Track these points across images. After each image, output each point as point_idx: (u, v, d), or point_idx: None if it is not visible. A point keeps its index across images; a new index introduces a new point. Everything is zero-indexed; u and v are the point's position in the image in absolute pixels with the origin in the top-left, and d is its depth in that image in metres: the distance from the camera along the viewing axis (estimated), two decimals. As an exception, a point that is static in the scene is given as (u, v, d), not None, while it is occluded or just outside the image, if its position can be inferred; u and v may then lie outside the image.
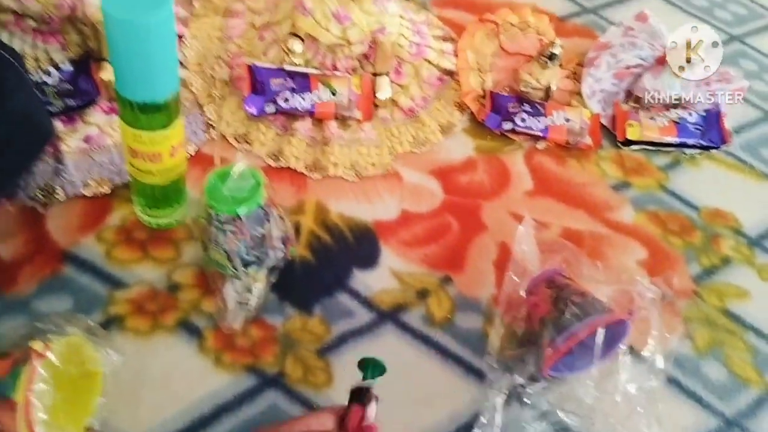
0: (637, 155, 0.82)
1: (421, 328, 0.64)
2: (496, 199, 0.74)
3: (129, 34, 0.46)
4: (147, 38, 0.47)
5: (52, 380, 0.48)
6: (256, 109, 0.72)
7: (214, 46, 0.77)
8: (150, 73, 0.49)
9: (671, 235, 0.75)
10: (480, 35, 0.85)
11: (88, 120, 0.69)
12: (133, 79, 0.50)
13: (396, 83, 0.79)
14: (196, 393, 0.56)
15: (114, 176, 0.66)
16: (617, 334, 0.59)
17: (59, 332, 0.51)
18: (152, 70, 0.49)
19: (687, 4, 1.02)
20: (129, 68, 0.49)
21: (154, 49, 0.48)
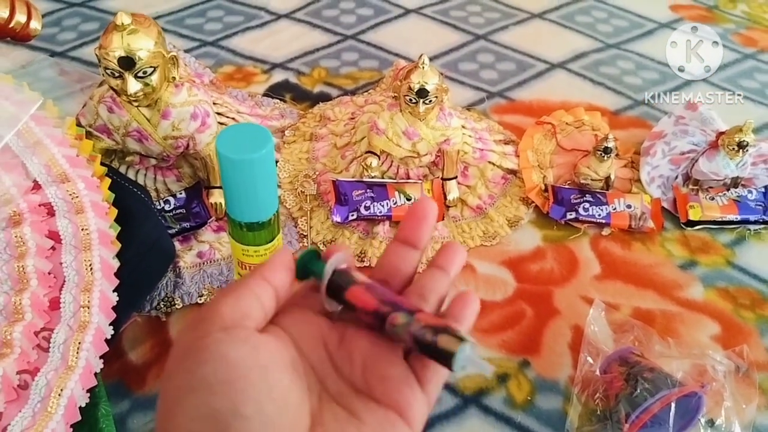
0: (702, 234, 0.86)
1: (503, 411, 0.68)
2: (567, 284, 0.79)
3: (238, 169, 0.57)
4: (252, 172, 0.57)
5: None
6: (341, 217, 0.81)
7: (303, 166, 0.88)
8: (255, 199, 0.59)
9: (743, 309, 0.77)
10: (538, 136, 0.93)
11: (201, 239, 0.80)
12: (242, 204, 0.60)
13: (463, 185, 0.87)
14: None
15: (223, 285, 0.76)
16: (692, 407, 0.62)
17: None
18: (257, 196, 0.59)
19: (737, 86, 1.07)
20: (238, 196, 0.59)
21: (258, 179, 0.58)
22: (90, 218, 0.63)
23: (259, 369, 0.29)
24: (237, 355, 0.29)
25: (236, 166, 0.57)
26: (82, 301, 0.61)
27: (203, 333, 0.30)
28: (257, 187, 0.59)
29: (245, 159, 0.56)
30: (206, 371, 0.28)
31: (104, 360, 0.61)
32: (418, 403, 0.32)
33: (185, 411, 0.28)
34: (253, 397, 0.28)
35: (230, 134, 0.58)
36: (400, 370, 0.32)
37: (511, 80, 1.06)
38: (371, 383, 0.32)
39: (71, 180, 0.65)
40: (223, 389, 0.28)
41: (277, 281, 0.33)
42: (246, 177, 0.58)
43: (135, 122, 0.75)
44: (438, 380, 0.33)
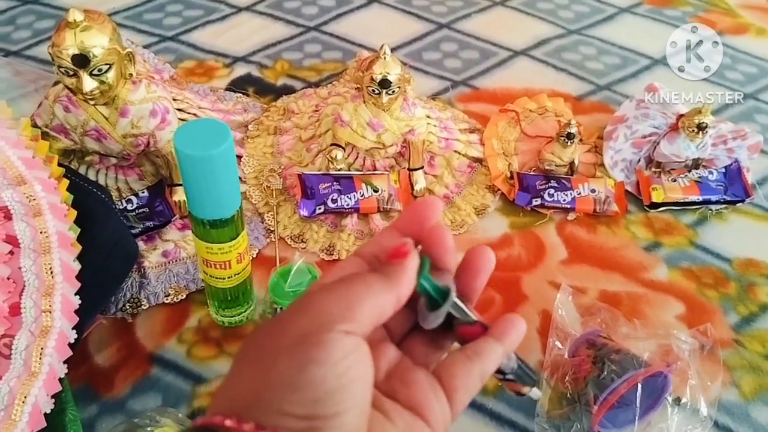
0: (665, 216, 0.87)
1: (475, 398, 0.68)
2: (534, 270, 0.80)
3: (198, 166, 0.56)
4: (213, 168, 0.56)
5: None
6: (308, 211, 0.80)
7: (267, 161, 0.87)
8: (217, 195, 0.59)
9: (706, 288, 0.79)
10: (502, 124, 0.93)
11: (165, 237, 0.79)
12: (203, 201, 0.59)
13: (430, 174, 0.87)
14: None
15: (189, 284, 0.75)
16: (659, 387, 0.63)
17: (154, 425, 0.58)
18: (219, 193, 0.59)
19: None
20: (199, 193, 0.58)
21: (219, 175, 0.57)
22: (49, 221, 0.62)
23: (361, 383, 0.29)
24: (347, 364, 0.28)
25: (196, 163, 0.56)
26: (44, 306, 0.59)
27: (327, 322, 0.29)
28: (218, 184, 0.58)
29: (205, 155, 0.55)
30: (317, 375, 0.28)
31: (69, 364, 0.60)
32: (441, 408, 0.32)
33: (281, 404, 0.28)
34: (351, 409, 0.28)
35: (188, 130, 0.57)
36: (423, 376, 0.33)
37: (474, 68, 1.07)
38: (395, 387, 0.32)
39: (28, 182, 0.63)
40: (327, 398, 0.28)
41: (402, 296, 0.32)
42: (206, 174, 0.57)
43: (92, 121, 0.74)
44: (465, 393, 0.33)
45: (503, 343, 0.34)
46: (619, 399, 0.60)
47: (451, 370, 0.33)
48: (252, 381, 0.29)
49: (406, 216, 0.36)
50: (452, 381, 0.33)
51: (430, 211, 0.35)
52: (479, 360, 0.33)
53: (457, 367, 0.33)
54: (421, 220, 0.35)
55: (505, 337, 0.34)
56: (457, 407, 0.33)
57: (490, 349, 0.34)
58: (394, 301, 0.31)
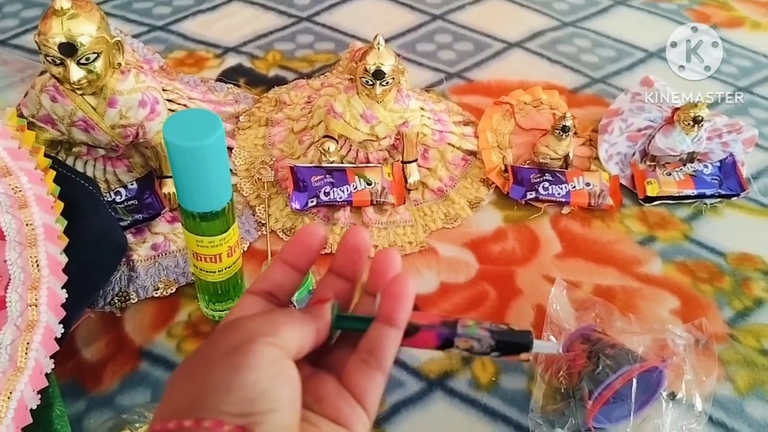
0: (660, 210, 0.86)
1: (468, 392, 0.68)
2: (529, 264, 0.79)
3: (187, 157, 0.55)
4: (203, 159, 0.55)
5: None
6: (300, 204, 0.79)
7: (259, 153, 0.86)
8: (207, 188, 0.58)
9: (701, 282, 0.78)
10: (497, 117, 0.92)
11: (155, 230, 0.77)
12: (193, 193, 0.58)
13: (424, 167, 0.86)
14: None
15: (179, 277, 0.74)
16: (654, 382, 0.62)
17: (143, 420, 0.57)
18: (209, 185, 0.57)
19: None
20: (189, 185, 0.57)
21: (209, 167, 0.56)
22: (35, 213, 0.61)
23: (291, 385, 0.31)
24: (277, 368, 0.31)
25: (185, 154, 0.55)
26: (30, 300, 0.58)
27: (254, 335, 0.31)
28: (208, 176, 0.57)
29: (194, 146, 0.54)
30: (249, 378, 0.30)
31: (57, 359, 0.59)
32: (357, 414, 0.34)
33: (218, 404, 0.29)
34: (285, 407, 0.31)
35: (178, 121, 0.56)
36: (333, 389, 0.34)
37: (469, 60, 1.06)
38: (310, 402, 0.34)
39: (13, 173, 0.62)
40: (261, 396, 0.30)
41: (321, 329, 0.34)
42: (196, 165, 0.56)
43: (80, 111, 0.72)
44: (374, 394, 0.34)
45: (395, 324, 0.34)
46: (614, 394, 0.60)
47: (353, 379, 0.34)
48: (188, 392, 0.30)
49: (291, 246, 0.37)
50: (357, 389, 0.34)
51: (315, 242, 0.37)
52: (374, 359, 0.34)
53: (358, 375, 0.34)
54: (306, 250, 0.37)
55: (393, 317, 0.34)
56: (371, 409, 0.35)
57: (383, 338, 0.34)
58: (313, 331, 0.34)
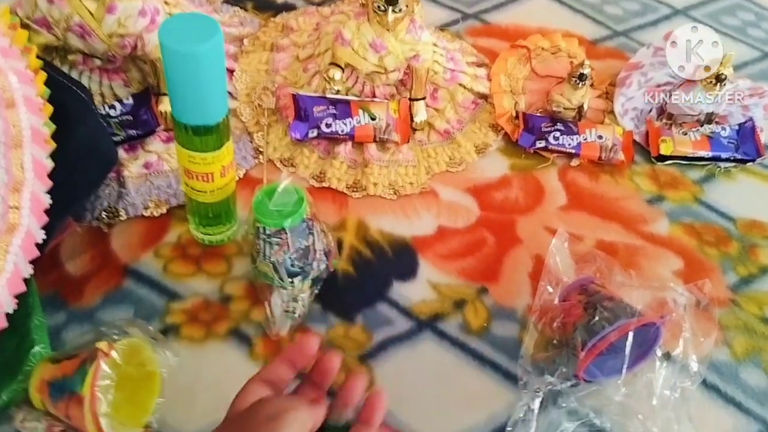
0: (671, 169, 0.83)
1: (458, 336, 0.66)
2: (531, 214, 0.77)
3: (183, 63, 0.52)
4: (198, 66, 0.52)
5: (116, 379, 0.52)
6: (300, 134, 0.77)
7: (261, 78, 0.83)
8: (202, 99, 0.55)
9: (707, 245, 0.76)
10: (512, 60, 0.89)
11: (148, 148, 0.75)
12: (187, 104, 0.55)
13: (432, 107, 0.83)
14: (246, 396, 0.60)
15: (171, 198, 0.72)
16: (650, 338, 0.60)
17: (122, 335, 0.56)
18: (204, 96, 0.55)
19: (718, 23, 1.03)
20: (183, 94, 0.54)
21: (205, 76, 0.53)
22: (22, 114, 0.58)
23: None
24: None
25: (180, 59, 0.52)
26: (12, 202, 0.56)
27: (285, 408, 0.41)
28: (203, 85, 0.54)
29: (190, 51, 0.51)
30: None
31: (39, 269, 0.57)
32: None
33: None
34: None
35: (175, 24, 0.53)
36: None
37: (487, 2, 1.01)
38: None
39: (2, 71, 0.59)
40: None
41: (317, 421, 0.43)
42: (191, 72, 0.53)
43: (77, 16, 0.69)
44: None
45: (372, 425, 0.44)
46: (608, 347, 0.58)
47: None
48: None
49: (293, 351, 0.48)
50: None
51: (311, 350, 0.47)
52: None
53: None
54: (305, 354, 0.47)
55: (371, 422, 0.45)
56: None
57: None
58: (321, 414, 0.43)
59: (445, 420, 0.61)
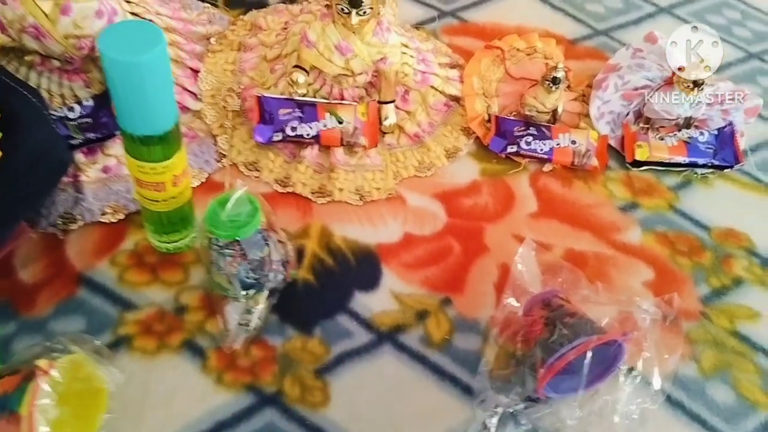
0: (647, 176, 0.81)
1: (418, 349, 0.65)
2: (500, 221, 0.75)
3: (125, 73, 0.50)
4: (142, 76, 0.50)
5: (58, 396, 0.51)
6: (263, 138, 0.75)
7: (227, 79, 0.81)
8: (148, 108, 0.53)
9: (679, 255, 0.74)
10: (486, 62, 0.86)
11: (108, 152, 0.73)
12: (132, 114, 0.53)
13: (403, 110, 0.81)
14: (197, 411, 0.59)
15: (129, 204, 0.70)
16: (610, 356, 0.59)
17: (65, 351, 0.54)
18: (149, 105, 0.53)
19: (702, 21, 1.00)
20: (128, 104, 0.53)
21: (149, 85, 0.51)
22: (-35, 121, 0.56)
23: None
24: None
25: (122, 69, 0.50)
26: (-47, 213, 0.54)
27: None
28: (148, 95, 0.52)
29: (131, 61, 0.49)
30: None
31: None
32: None
33: None
34: None
35: (115, 33, 0.51)
36: None
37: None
38: None
39: (-54, 76, 0.57)
40: None
41: None
42: (134, 82, 0.51)
43: (31, 17, 0.67)
44: None
45: None
46: (567, 365, 0.56)
47: None
48: None
49: None
50: None
51: None
52: None
53: None
54: None
55: None
56: None
57: None
58: None
59: (401, 436, 0.60)
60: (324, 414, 0.60)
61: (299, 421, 0.59)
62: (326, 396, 0.61)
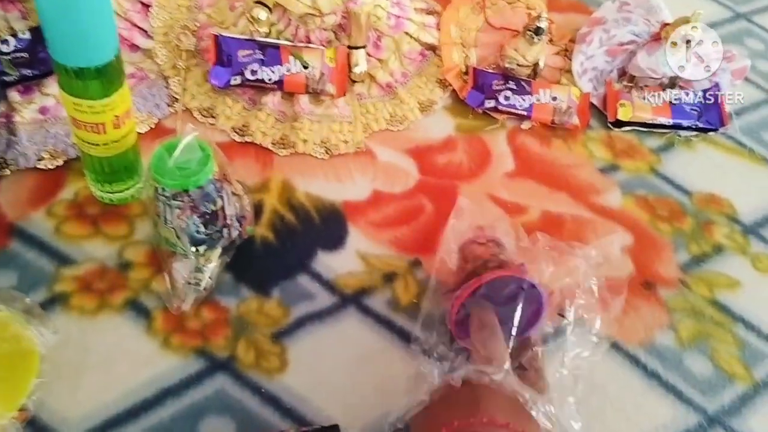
0: (629, 137, 0.77)
1: (385, 313, 0.60)
2: (474, 180, 0.70)
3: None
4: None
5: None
6: (220, 81, 0.68)
7: (182, 15, 0.74)
8: (82, 36, 0.46)
9: (659, 220, 0.71)
10: (465, 9, 0.81)
11: (46, 91, 0.66)
12: (64, 41, 0.47)
13: (375, 57, 0.75)
14: (141, 376, 0.54)
15: (69, 149, 0.64)
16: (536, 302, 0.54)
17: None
18: (84, 32, 0.46)
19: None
20: (58, 30, 0.46)
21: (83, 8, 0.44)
22: None
23: None
24: None
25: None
26: None
27: None
28: (83, 20, 0.45)
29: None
30: None
31: None
32: None
33: None
34: None
35: (44, -57, 0.44)
36: None
37: (444, -57, 0.92)
38: None
39: None
40: None
41: None
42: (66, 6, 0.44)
43: (-45, -69, 0.59)
44: None
45: None
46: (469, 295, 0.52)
47: None
48: None
49: None
50: None
51: None
52: None
53: None
54: None
55: None
56: None
57: None
58: None
59: (364, 405, 0.55)
60: (280, 381, 0.55)
61: (253, 389, 0.54)
62: (283, 362, 0.56)
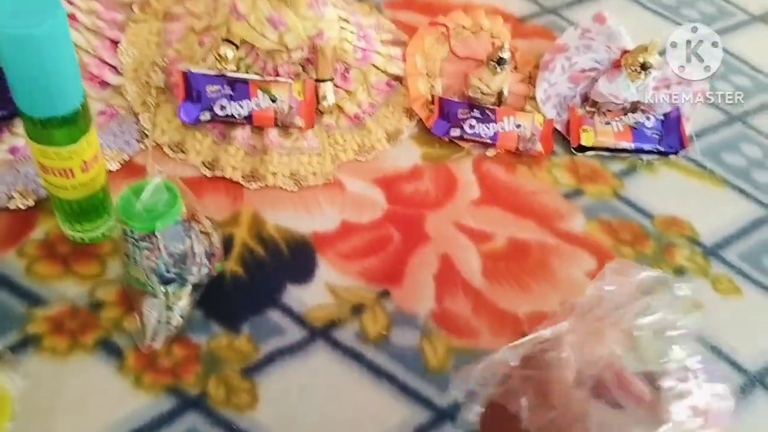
0: (592, 162, 0.79)
1: (354, 346, 0.61)
2: (441, 209, 0.72)
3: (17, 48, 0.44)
4: (37, 51, 0.44)
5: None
6: (189, 117, 0.69)
7: (151, 51, 0.74)
8: (47, 87, 0.47)
9: (622, 244, 0.73)
10: (430, 39, 0.82)
11: (15, 130, 0.66)
12: (29, 92, 0.48)
13: (343, 89, 0.77)
14: (113, 415, 0.54)
15: (40, 188, 0.64)
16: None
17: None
18: (49, 84, 0.47)
19: (653, 2, 0.99)
20: (23, 83, 0.47)
21: (47, 61, 0.45)
22: None
23: None
24: None
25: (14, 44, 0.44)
26: None
27: None
28: (47, 72, 0.46)
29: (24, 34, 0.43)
30: None
31: None
32: None
33: None
34: None
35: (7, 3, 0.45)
36: None
37: (411, -28, 0.94)
38: None
39: None
40: None
41: None
42: (29, 58, 0.45)
43: None
44: None
45: None
46: None
47: None
48: None
49: None
50: None
51: None
52: None
53: None
54: None
55: None
56: None
57: None
58: None
59: (336, 437, 0.56)
60: (251, 417, 0.56)
61: (224, 425, 0.55)
62: (254, 397, 0.57)
